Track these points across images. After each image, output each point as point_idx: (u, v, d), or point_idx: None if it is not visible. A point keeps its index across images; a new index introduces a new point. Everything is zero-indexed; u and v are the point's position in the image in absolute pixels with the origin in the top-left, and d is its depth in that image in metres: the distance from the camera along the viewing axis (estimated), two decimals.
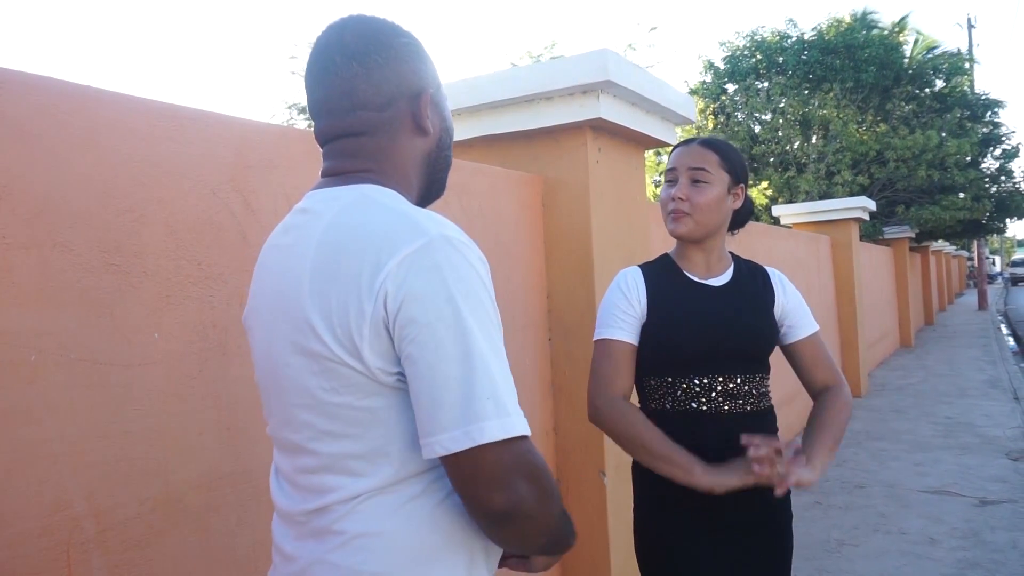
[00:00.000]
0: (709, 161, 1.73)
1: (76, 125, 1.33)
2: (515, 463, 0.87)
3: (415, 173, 1.11)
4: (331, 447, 0.95)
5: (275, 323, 1.00)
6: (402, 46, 1.07)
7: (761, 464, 1.51)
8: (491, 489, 0.86)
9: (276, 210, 1.70)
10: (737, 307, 1.75)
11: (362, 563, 0.93)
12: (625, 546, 2.75)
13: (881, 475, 5.32)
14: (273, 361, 1.01)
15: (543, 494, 0.89)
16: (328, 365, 0.92)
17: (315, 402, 0.95)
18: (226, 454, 1.55)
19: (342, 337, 0.90)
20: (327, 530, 0.96)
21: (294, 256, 0.98)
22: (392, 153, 1.07)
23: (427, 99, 1.08)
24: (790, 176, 13.55)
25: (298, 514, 1.01)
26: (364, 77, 1.04)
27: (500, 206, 2.56)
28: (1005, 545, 3.92)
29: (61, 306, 1.28)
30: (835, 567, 3.76)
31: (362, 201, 0.98)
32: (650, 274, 1.79)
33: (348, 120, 1.06)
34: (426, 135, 1.10)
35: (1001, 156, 15.72)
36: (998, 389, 8.50)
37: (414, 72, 1.08)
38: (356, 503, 0.94)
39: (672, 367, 1.71)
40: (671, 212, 1.74)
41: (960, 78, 15.20)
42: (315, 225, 0.98)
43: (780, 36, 15.03)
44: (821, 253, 8.34)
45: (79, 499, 1.29)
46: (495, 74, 2.71)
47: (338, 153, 1.07)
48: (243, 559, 1.57)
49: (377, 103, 1.05)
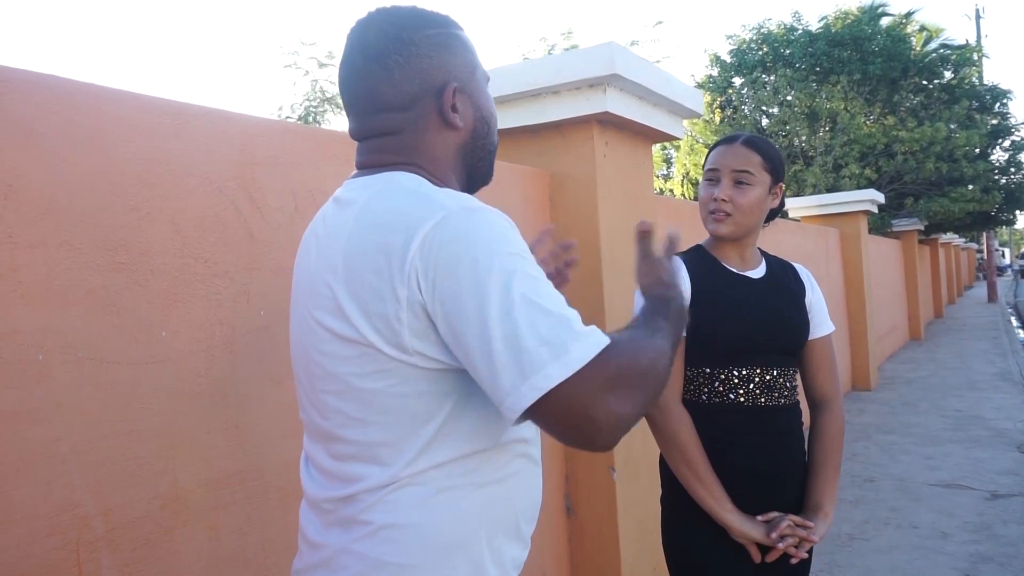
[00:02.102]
0: (753, 163, 1.72)
1: (81, 123, 1.32)
2: (593, 390, 0.85)
3: (451, 165, 1.10)
4: (361, 434, 0.96)
5: (309, 311, 1.00)
6: (426, 39, 1.05)
7: (784, 541, 1.62)
8: (588, 426, 0.85)
9: (282, 207, 1.69)
10: (776, 299, 1.76)
11: (388, 554, 0.94)
12: (636, 542, 2.74)
13: (891, 469, 5.30)
14: (306, 348, 1.01)
15: (634, 392, 0.89)
16: (362, 351, 0.93)
17: (347, 388, 0.95)
18: (234, 452, 1.55)
19: (379, 324, 0.91)
20: (354, 519, 0.96)
21: (329, 244, 0.99)
22: (423, 149, 1.07)
23: (451, 92, 1.06)
24: (797, 169, 13.50)
25: (325, 501, 1.01)
26: (384, 78, 1.04)
27: (507, 201, 2.55)
28: (1017, 539, 3.89)
29: (67, 305, 1.27)
30: (846, 561, 3.75)
31: (388, 187, 0.98)
32: (690, 264, 1.77)
33: (373, 122, 1.07)
34: (456, 129, 1.09)
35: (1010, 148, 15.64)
36: (1008, 382, 8.46)
37: (438, 66, 1.06)
38: (384, 493, 0.95)
39: (712, 358, 1.71)
40: (712, 212, 1.73)
41: (968, 69, 15.09)
42: (347, 213, 0.99)
43: (787, 29, 14.96)
44: (830, 246, 8.31)
45: (87, 498, 1.29)
46: (501, 68, 2.69)
47: (369, 149, 1.09)
48: (252, 557, 1.57)
49: (399, 104, 1.05)
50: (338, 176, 1.85)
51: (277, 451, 1.64)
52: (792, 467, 1.74)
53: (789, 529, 1.64)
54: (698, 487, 1.66)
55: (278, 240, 1.67)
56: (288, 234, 1.69)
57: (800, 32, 14.74)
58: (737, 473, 1.68)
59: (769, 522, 1.66)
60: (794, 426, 1.76)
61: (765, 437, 1.70)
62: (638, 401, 0.90)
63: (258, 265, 1.62)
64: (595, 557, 2.73)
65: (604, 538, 2.70)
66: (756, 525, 1.65)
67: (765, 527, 1.65)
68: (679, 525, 1.76)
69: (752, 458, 1.69)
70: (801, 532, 1.64)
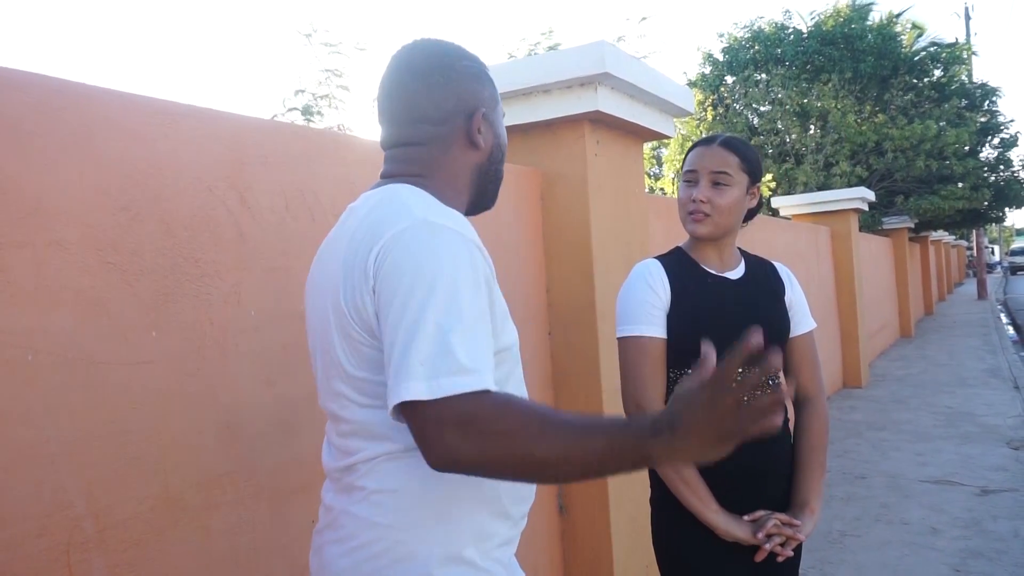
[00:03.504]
0: (730, 164, 1.73)
1: (70, 123, 1.32)
2: (441, 420, 0.92)
3: (465, 183, 1.24)
4: (359, 415, 1.09)
5: (323, 307, 1.13)
6: (463, 68, 1.21)
7: (771, 541, 1.64)
8: (423, 445, 0.94)
9: (273, 207, 1.69)
10: (755, 299, 1.77)
11: (376, 515, 1.07)
12: (628, 540, 2.75)
13: (882, 465, 5.33)
14: (323, 340, 1.14)
15: (480, 438, 0.92)
16: (354, 344, 1.06)
17: (346, 375, 1.09)
18: (226, 452, 1.54)
19: (362, 319, 1.04)
20: (352, 486, 1.11)
21: (336, 248, 1.12)
22: (445, 163, 1.20)
23: (480, 117, 1.21)
24: (788, 167, 13.53)
25: (334, 470, 1.16)
26: (425, 93, 1.18)
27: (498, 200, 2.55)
28: (1007, 534, 3.92)
29: (57, 305, 1.27)
30: (837, 558, 3.77)
31: (386, 197, 1.10)
32: (669, 266, 1.78)
33: (409, 130, 1.20)
34: (478, 149, 1.23)
35: (999, 145, 15.69)
36: (998, 378, 8.51)
37: (471, 92, 1.21)
38: (377, 463, 1.08)
39: (694, 359, 1.70)
40: (691, 213, 1.75)
41: (958, 67, 15.16)
42: (352, 220, 1.12)
43: (778, 27, 14.99)
44: (821, 244, 8.34)
45: (78, 499, 1.28)
46: (492, 67, 2.68)
47: (395, 159, 1.21)
48: (244, 558, 1.56)
49: (436, 117, 1.18)
50: (329, 176, 1.84)
51: (269, 451, 1.64)
52: (777, 463, 1.75)
53: (776, 528, 1.64)
54: (683, 488, 1.66)
55: (269, 240, 1.67)
56: (278, 234, 1.69)
57: (791, 31, 14.78)
58: (722, 471, 1.69)
59: (756, 521, 1.67)
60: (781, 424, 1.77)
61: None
62: (484, 452, 0.92)
63: (249, 265, 1.62)
64: (587, 555, 2.74)
65: (596, 536, 2.71)
66: (742, 525, 1.66)
67: (751, 527, 1.66)
68: (667, 525, 1.77)
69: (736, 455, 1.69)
70: (788, 531, 1.65)
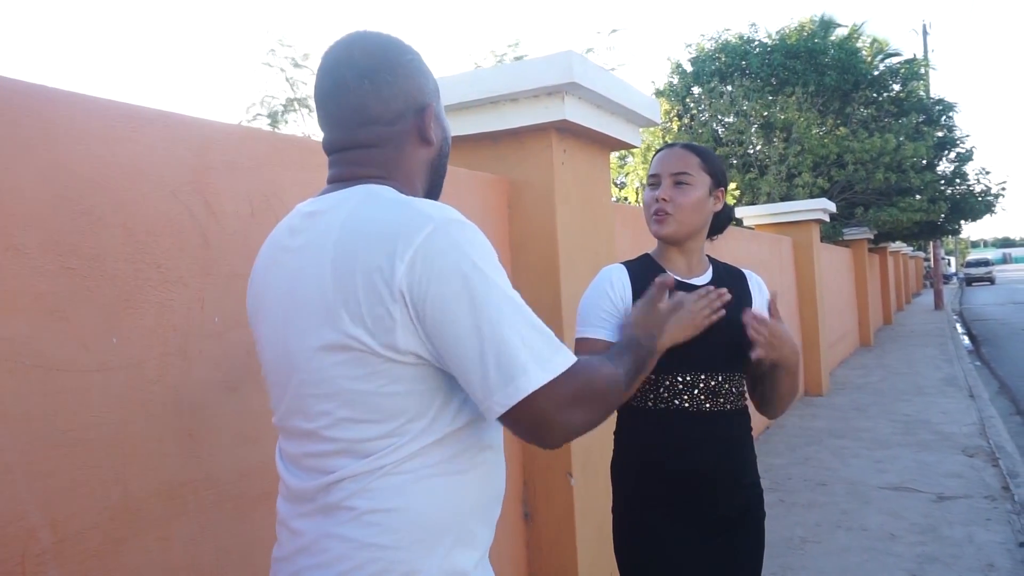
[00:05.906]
0: (691, 164, 1.77)
1: (30, 125, 1.29)
2: (559, 399, 0.99)
3: (420, 181, 1.20)
4: (349, 433, 1.02)
5: (291, 320, 1.06)
6: (408, 63, 1.16)
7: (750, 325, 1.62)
8: (546, 429, 1.00)
9: (238, 212, 1.67)
10: (719, 306, 1.77)
11: (371, 536, 1.01)
12: (593, 548, 2.75)
13: (842, 472, 5.41)
14: (290, 356, 1.07)
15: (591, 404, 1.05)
16: (354, 354, 0.99)
17: (338, 391, 1.01)
18: (188, 460, 1.52)
19: (372, 326, 0.98)
20: (337, 506, 1.03)
21: (310, 255, 1.05)
22: (400, 162, 1.16)
23: (431, 112, 1.18)
24: (752, 178, 13.73)
25: (306, 491, 1.07)
26: (374, 94, 1.12)
27: (465, 207, 2.55)
28: (962, 539, 4.01)
29: (14, 311, 1.24)
30: (799, 564, 3.82)
31: (370, 197, 1.06)
32: (634, 272, 1.80)
33: (359, 133, 1.14)
34: (430, 145, 1.20)
35: (956, 159, 16.11)
36: (954, 387, 8.70)
37: (419, 88, 1.17)
38: (367, 481, 1.01)
39: (656, 364, 1.72)
40: (654, 213, 1.77)
41: (916, 83, 15.53)
42: (330, 224, 1.04)
43: (744, 40, 15.22)
44: (783, 254, 8.46)
45: (34, 509, 1.25)
46: (460, 75, 2.70)
47: (346, 161, 1.15)
48: (206, 567, 1.54)
49: (387, 118, 1.14)
50: (295, 181, 1.83)
51: (232, 459, 1.62)
52: (739, 472, 1.77)
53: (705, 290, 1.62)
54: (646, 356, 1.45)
55: (233, 246, 1.65)
56: (243, 240, 1.67)
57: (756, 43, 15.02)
58: (683, 477, 1.71)
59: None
60: (741, 431, 1.79)
61: (711, 442, 1.72)
62: (588, 418, 1.05)
63: (212, 271, 1.60)
64: (553, 563, 2.74)
65: (562, 544, 2.72)
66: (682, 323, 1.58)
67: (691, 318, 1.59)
68: (626, 528, 1.79)
69: (698, 463, 1.71)
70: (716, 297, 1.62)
